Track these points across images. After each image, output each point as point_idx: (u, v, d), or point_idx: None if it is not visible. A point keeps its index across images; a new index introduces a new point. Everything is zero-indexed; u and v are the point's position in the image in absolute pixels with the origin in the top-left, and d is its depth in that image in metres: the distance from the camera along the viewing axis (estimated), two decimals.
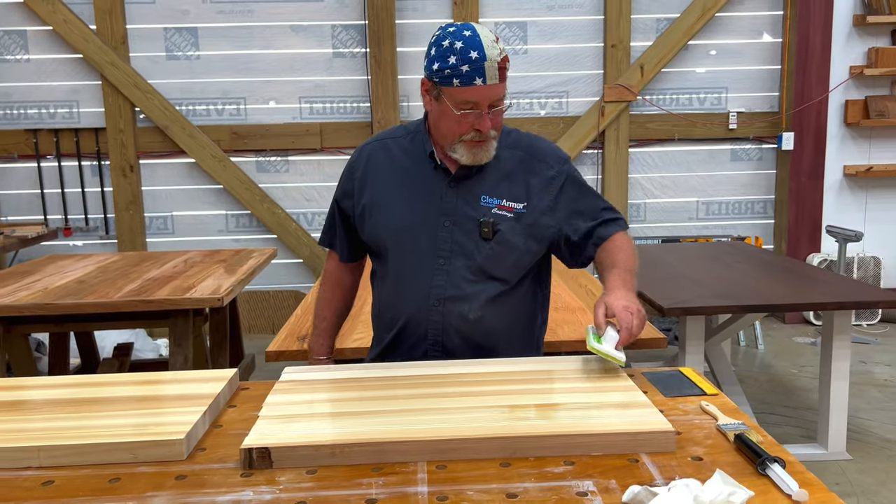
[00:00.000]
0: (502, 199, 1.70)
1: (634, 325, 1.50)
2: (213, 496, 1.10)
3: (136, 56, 5.07)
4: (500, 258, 1.71)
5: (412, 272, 1.73)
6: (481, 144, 1.64)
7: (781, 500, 1.06)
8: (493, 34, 1.60)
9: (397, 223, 1.74)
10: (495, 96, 1.59)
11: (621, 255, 1.70)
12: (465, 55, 1.54)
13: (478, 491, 1.10)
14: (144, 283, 2.98)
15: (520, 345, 1.81)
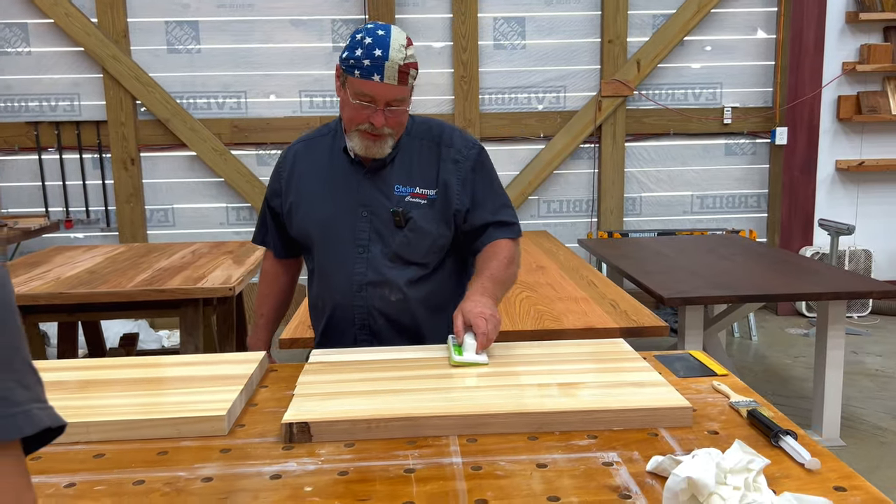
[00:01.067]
0: (415, 187, 1.80)
1: (489, 331, 1.56)
2: (259, 467, 1.16)
3: (137, 49, 5.09)
4: (413, 244, 1.80)
5: (336, 262, 1.83)
6: (375, 139, 1.73)
7: (795, 468, 1.13)
8: (405, 41, 1.68)
9: (319, 216, 1.84)
10: (391, 96, 1.67)
11: (493, 262, 1.76)
12: (369, 51, 1.64)
13: (509, 461, 1.16)
14: (155, 274, 3.03)
15: (446, 325, 1.84)
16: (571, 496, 1.05)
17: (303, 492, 1.08)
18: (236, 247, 3.70)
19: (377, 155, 1.75)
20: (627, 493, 1.06)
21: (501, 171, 5.46)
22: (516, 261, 1.83)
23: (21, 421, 0.57)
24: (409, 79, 1.66)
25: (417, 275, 1.82)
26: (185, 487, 1.10)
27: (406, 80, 1.66)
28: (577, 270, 3.44)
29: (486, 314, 1.58)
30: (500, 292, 1.72)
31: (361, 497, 1.06)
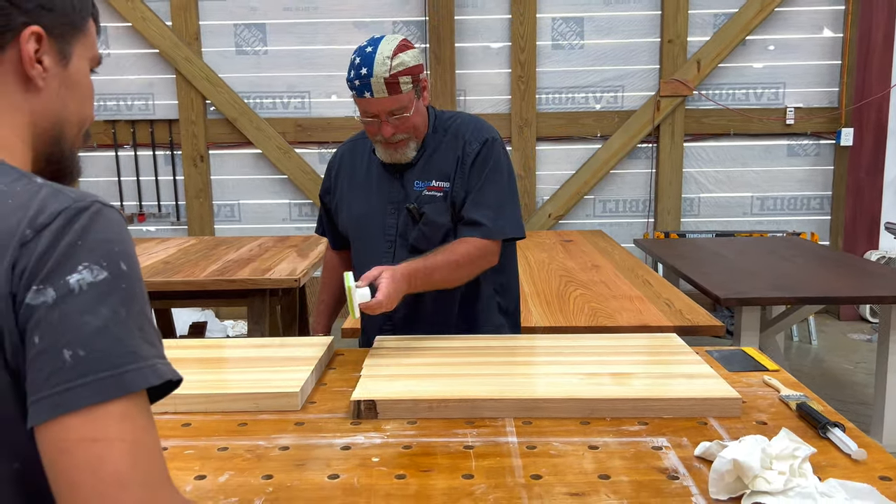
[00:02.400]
0: (431, 181, 1.86)
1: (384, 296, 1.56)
2: (331, 439, 1.26)
3: (207, 51, 5.31)
4: (427, 238, 1.85)
5: (367, 256, 1.92)
6: (394, 147, 1.80)
7: (841, 458, 1.17)
8: (391, 52, 1.69)
9: (356, 213, 1.95)
10: (387, 108, 1.72)
11: (440, 255, 1.74)
12: (357, 70, 1.70)
13: (562, 442, 1.23)
14: (225, 265, 3.19)
15: (465, 319, 1.92)
16: (622, 475, 1.12)
17: (371, 461, 1.17)
18: (300, 241, 3.85)
19: (402, 160, 1.83)
20: (675, 475, 1.12)
21: (557, 170, 5.51)
22: (474, 261, 1.78)
23: (148, 373, 0.67)
24: (401, 87, 1.69)
25: None
26: (265, 454, 1.21)
27: (397, 89, 1.69)
28: (633, 270, 3.46)
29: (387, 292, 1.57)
30: (422, 283, 1.70)
31: (424, 468, 1.15)
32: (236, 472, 1.14)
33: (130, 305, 0.68)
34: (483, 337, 1.77)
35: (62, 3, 0.80)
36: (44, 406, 0.63)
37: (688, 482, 1.10)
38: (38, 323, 0.65)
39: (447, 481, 1.11)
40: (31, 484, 0.69)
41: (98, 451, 0.63)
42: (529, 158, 5.39)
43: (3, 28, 0.75)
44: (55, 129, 0.83)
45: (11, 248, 0.66)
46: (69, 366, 0.64)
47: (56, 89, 0.81)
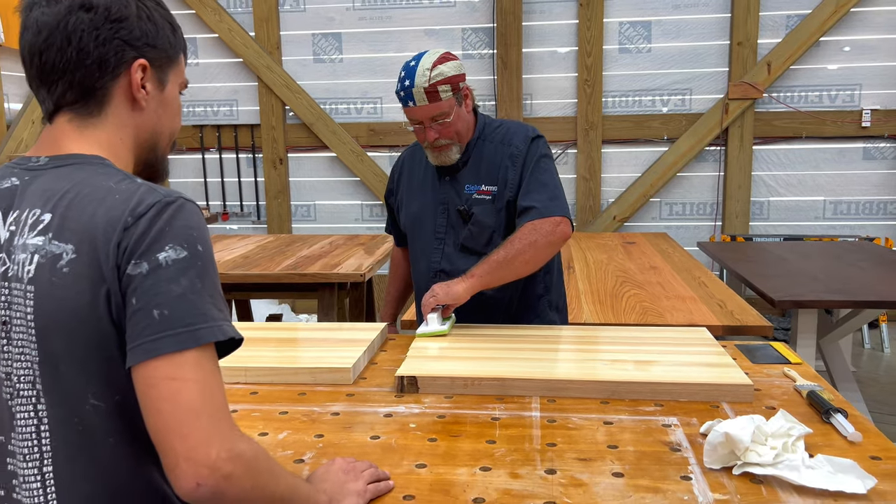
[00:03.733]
0: (481, 185, 2.01)
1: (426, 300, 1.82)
2: (376, 408, 1.44)
3: (287, 59, 5.64)
4: (475, 237, 2.01)
5: (420, 251, 2.11)
6: (439, 150, 1.97)
7: (839, 440, 1.27)
8: (431, 63, 1.86)
9: (412, 212, 2.13)
10: (430, 114, 1.89)
11: (499, 247, 1.87)
12: (402, 83, 1.89)
13: (580, 418, 1.37)
14: (298, 260, 3.44)
15: (511, 311, 2.05)
16: (629, 446, 1.25)
17: (408, 427, 1.35)
18: (368, 239, 4.07)
19: (447, 162, 2.00)
20: (678, 448, 1.24)
21: (622, 172, 5.57)
22: (535, 242, 1.85)
23: (216, 331, 0.87)
24: (440, 95, 1.86)
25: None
26: (319, 418, 1.39)
27: (437, 97, 1.86)
28: (690, 271, 3.51)
29: (434, 289, 1.83)
30: (490, 276, 1.85)
31: (454, 434, 1.31)
32: (293, 431, 1.34)
33: (204, 278, 0.88)
34: (519, 326, 1.92)
35: (162, 41, 1.00)
36: (138, 351, 0.84)
37: (688, 454, 1.22)
38: (136, 289, 0.85)
39: (472, 445, 1.26)
40: (127, 413, 0.90)
41: (176, 387, 0.83)
42: (595, 161, 5.47)
43: (119, 60, 0.96)
44: (152, 139, 1.03)
45: (117, 231, 0.86)
46: (157, 322, 0.84)
47: (154, 109, 1.01)
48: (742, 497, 1.08)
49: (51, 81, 0.95)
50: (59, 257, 0.86)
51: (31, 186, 0.93)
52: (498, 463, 1.19)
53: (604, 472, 1.15)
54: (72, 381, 0.87)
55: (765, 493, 1.09)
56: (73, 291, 0.86)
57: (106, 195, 0.89)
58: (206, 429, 0.83)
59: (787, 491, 1.09)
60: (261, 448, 0.91)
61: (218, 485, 0.82)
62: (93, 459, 0.89)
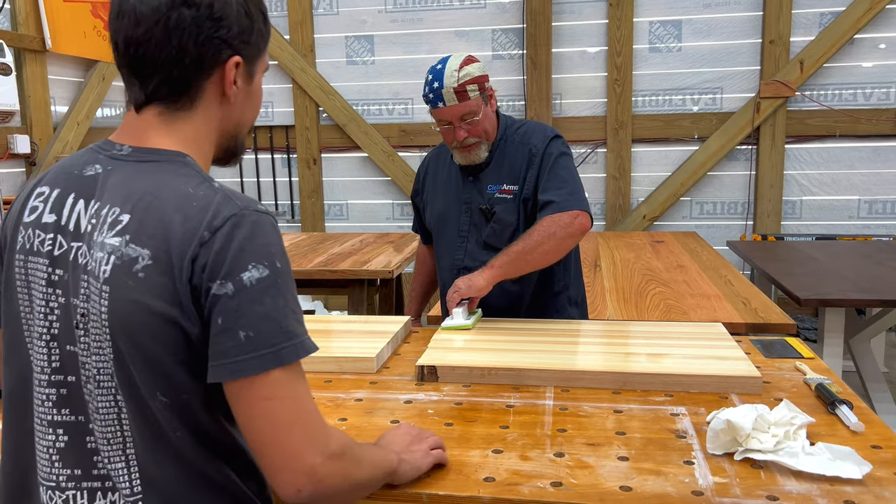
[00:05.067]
0: (502, 184, 2.07)
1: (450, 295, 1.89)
2: (397, 395, 1.52)
3: (321, 62, 5.76)
4: (498, 234, 2.07)
5: (445, 248, 2.19)
6: (467, 149, 2.03)
7: (843, 430, 1.30)
8: (458, 65, 1.93)
9: (437, 211, 2.21)
10: (459, 113, 1.96)
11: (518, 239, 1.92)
12: (430, 85, 1.96)
13: (592, 406, 1.43)
14: (330, 257, 3.54)
15: (534, 306, 2.11)
16: (636, 432, 1.31)
17: (427, 412, 1.42)
18: (397, 238, 4.16)
19: (475, 161, 2.07)
20: (683, 435, 1.29)
21: (652, 171, 5.57)
22: (553, 234, 1.89)
23: (298, 349, 0.91)
24: (468, 94, 1.93)
25: None
26: (343, 403, 1.48)
27: (465, 96, 1.93)
28: (717, 270, 3.53)
29: (456, 284, 1.89)
30: (509, 266, 1.90)
31: (469, 419, 1.38)
32: None
33: (286, 294, 0.91)
34: (536, 320, 1.99)
35: (256, 36, 1.00)
36: (224, 370, 0.88)
37: (692, 441, 1.27)
38: (221, 309, 0.88)
39: (486, 430, 1.33)
40: (191, 411, 0.94)
41: (271, 406, 0.88)
42: (625, 160, 5.48)
43: (216, 60, 0.96)
44: (235, 129, 1.05)
45: (193, 245, 0.88)
46: (243, 343, 0.87)
47: (241, 101, 1.03)
48: (741, 481, 1.13)
49: (145, 74, 0.95)
50: (136, 261, 0.88)
51: (113, 178, 0.95)
52: (510, 446, 1.26)
53: (609, 456, 1.21)
54: (141, 379, 0.91)
55: (763, 477, 1.13)
56: (147, 297, 0.88)
57: (184, 202, 0.90)
58: (300, 440, 0.89)
59: (786, 476, 1.13)
60: (346, 438, 0.98)
61: (316, 487, 0.90)
62: (166, 448, 0.93)
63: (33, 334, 0.98)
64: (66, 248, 0.95)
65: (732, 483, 1.12)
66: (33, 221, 0.98)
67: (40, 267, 0.97)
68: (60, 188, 0.98)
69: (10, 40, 3.95)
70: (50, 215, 0.97)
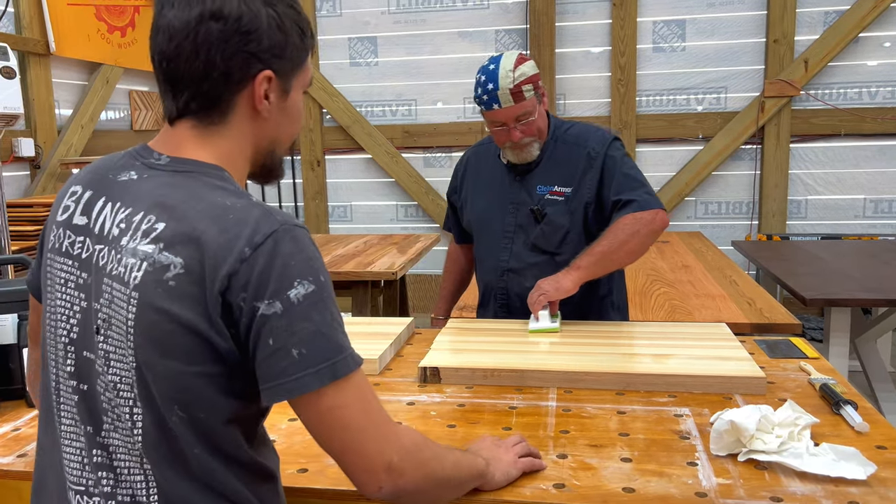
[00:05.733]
0: (553, 186, 2.04)
1: (534, 297, 1.85)
2: (399, 397, 1.51)
3: (324, 63, 5.77)
4: (547, 236, 2.04)
5: (487, 249, 2.15)
6: (521, 148, 2.00)
7: (848, 430, 1.30)
8: (513, 64, 1.90)
9: (479, 210, 2.17)
10: (515, 115, 1.93)
11: (601, 239, 1.90)
12: (484, 87, 1.92)
13: (595, 408, 1.42)
14: (333, 259, 3.54)
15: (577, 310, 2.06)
16: (639, 434, 1.30)
17: (429, 414, 1.42)
18: (401, 239, 4.16)
19: (528, 160, 2.04)
20: (687, 436, 1.29)
21: (657, 171, 5.56)
22: (637, 232, 1.89)
23: (350, 361, 0.91)
24: (524, 95, 1.91)
25: (551, 262, 2.06)
26: None
27: (521, 97, 1.91)
28: (722, 270, 3.52)
29: (539, 286, 1.87)
30: (595, 266, 1.89)
31: (472, 421, 1.38)
32: None
33: (332, 307, 0.91)
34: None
35: (290, 50, 0.97)
36: (282, 390, 0.88)
37: (696, 442, 1.26)
38: (272, 329, 0.87)
39: (489, 431, 1.33)
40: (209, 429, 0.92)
41: (342, 414, 0.90)
42: None
43: (244, 74, 0.94)
44: (271, 146, 1.03)
45: (231, 259, 0.86)
46: (297, 361, 0.87)
47: (276, 117, 1.00)
48: (745, 482, 1.12)
49: (177, 89, 0.95)
50: (167, 269, 0.87)
51: (148, 186, 0.94)
52: None
53: (613, 458, 1.21)
54: (161, 391, 0.90)
55: (767, 478, 1.13)
56: (176, 306, 0.87)
57: (221, 214, 0.89)
58: (375, 441, 0.91)
59: (790, 477, 1.13)
60: (420, 436, 1.00)
61: (396, 483, 0.92)
62: (184, 464, 0.92)
63: (58, 337, 0.98)
64: (91, 252, 0.95)
65: (736, 484, 1.11)
66: (64, 221, 0.99)
67: (67, 269, 0.97)
68: (93, 190, 0.99)
69: (15, 44, 3.97)
70: (81, 217, 0.97)
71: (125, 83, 5.03)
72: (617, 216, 1.93)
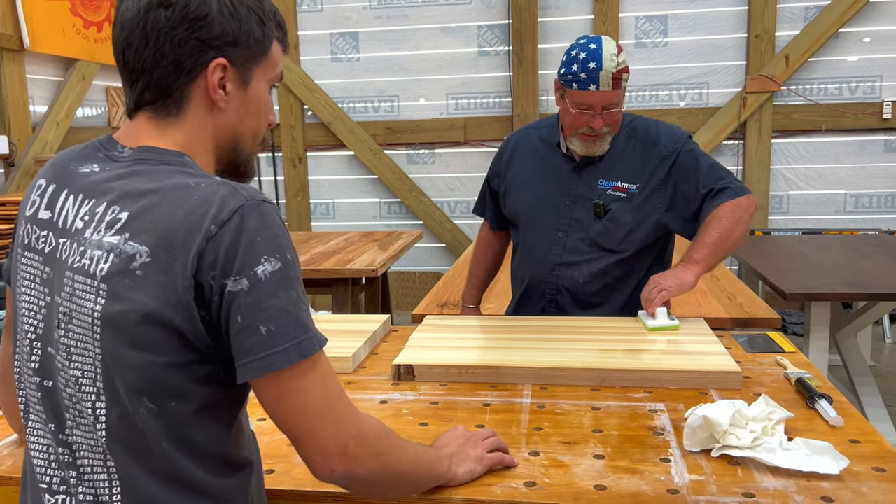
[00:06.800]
0: (617, 181, 1.97)
1: (650, 292, 1.80)
2: (372, 395, 1.49)
3: (305, 59, 5.72)
4: (610, 233, 1.98)
5: (537, 241, 2.05)
6: (594, 139, 1.93)
7: (822, 425, 1.29)
8: (616, 48, 1.85)
9: (529, 199, 2.07)
10: (608, 101, 1.86)
11: (708, 230, 1.86)
12: (584, 64, 1.82)
13: (569, 404, 1.41)
14: (313, 256, 3.50)
15: (630, 308, 2.03)
16: (613, 430, 1.28)
17: (402, 412, 1.39)
18: (383, 236, 4.13)
19: (597, 153, 1.95)
20: (661, 432, 1.27)
21: None
22: (740, 218, 1.87)
23: (314, 341, 0.90)
24: (621, 83, 1.84)
25: (609, 260, 1.99)
26: None
27: (619, 84, 1.83)
28: None
29: (658, 282, 1.81)
30: (712, 258, 1.85)
31: (445, 419, 1.35)
32: None
33: (297, 286, 0.90)
34: (519, 318, 1.96)
35: (246, 38, 0.95)
36: (250, 368, 0.87)
37: (670, 438, 1.25)
38: (240, 306, 0.85)
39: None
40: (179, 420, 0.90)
41: (301, 398, 0.88)
42: None
43: (195, 62, 0.92)
44: (233, 140, 0.99)
45: (199, 239, 0.85)
46: (265, 339, 0.86)
47: (236, 109, 0.97)
48: (718, 478, 1.11)
49: (132, 80, 0.94)
50: (133, 258, 0.86)
51: (111, 178, 0.92)
52: None
53: (585, 455, 1.19)
54: (128, 383, 0.88)
55: (740, 474, 1.11)
56: (143, 295, 0.85)
57: (184, 196, 0.87)
58: (331, 425, 0.90)
59: (763, 472, 1.11)
60: (382, 426, 0.99)
61: (349, 468, 0.91)
62: (149, 459, 0.90)
63: (25, 334, 0.96)
64: (54, 246, 0.94)
65: (709, 480, 1.10)
66: (31, 216, 0.98)
67: (34, 264, 0.96)
68: (56, 183, 0.97)
69: None
70: (45, 211, 0.96)
71: (102, 79, 4.96)
72: (711, 205, 1.89)
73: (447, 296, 2.92)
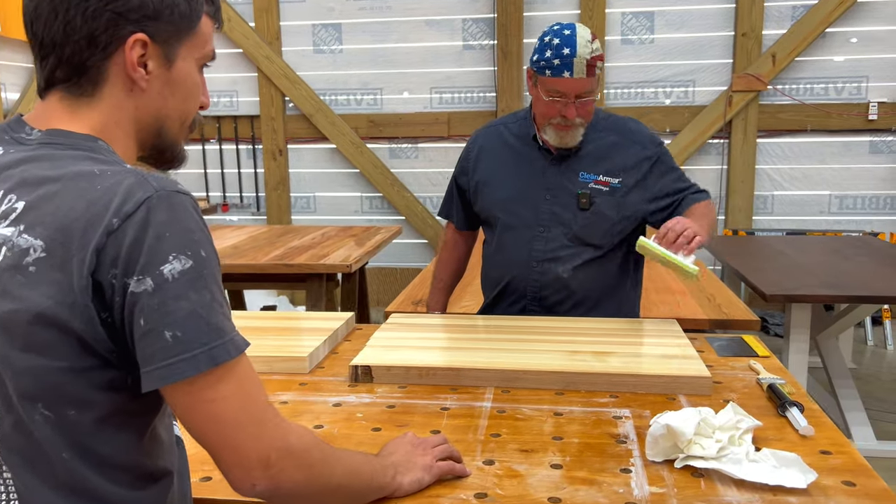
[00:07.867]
0: (599, 175, 1.93)
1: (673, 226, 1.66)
2: (326, 397, 1.42)
3: (287, 50, 5.62)
4: (593, 227, 1.93)
5: (516, 238, 1.99)
6: (567, 129, 1.87)
7: (792, 434, 1.23)
8: (590, 35, 1.79)
9: (505, 196, 2.00)
10: (581, 89, 1.79)
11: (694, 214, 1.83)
12: (558, 50, 1.77)
13: (531, 409, 1.34)
14: (287, 251, 3.43)
15: (609, 301, 2.00)
16: (574, 437, 1.22)
17: (355, 416, 1.33)
18: (360, 231, 4.05)
19: (570, 144, 1.90)
20: (624, 440, 1.21)
21: None
22: (713, 218, 1.89)
23: (230, 347, 0.82)
24: (595, 70, 1.78)
25: (591, 255, 1.94)
26: None
27: (594, 72, 1.77)
28: None
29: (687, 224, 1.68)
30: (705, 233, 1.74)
31: (400, 424, 1.29)
32: None
33: (212, 287, 0.81)
34: (487, 318, 1.89)
35: (169, 11, 0.87)
36: (154, 377, 0.79)
37: (633, 447, 1.19)
38: (143, 308, 0.78)
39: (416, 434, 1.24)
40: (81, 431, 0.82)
41: (216, 407, 0.81)
42: None
43: (111, 36, 0.84)
44: (157, 123, 0.92)
45: (98, 234, 0.77)
46: (171, 345, 0.78)
47: (159, 89, 0.90)
48: (679, 490, 1.05)
49: (42, 55, 0.86)
50: (26, 253, 0.79)
51: (12, 164, 0.85)
52: None
53: (542, 464, 1.13)
54: (21, 389, 0.81)
55: (703, 486, 1.06)
56: (36, 293, 0.78)
57: (87, 185, 0.80)
58: (252, 436, 0.82)
59: (727, 485, 1.06)
60: (313, 437, 0.91)
61: (271, 481, 0.84)
62: (49, 469, 0.83)
63: None
64: None
65: (670, 493, 1.04)
66: None
67: None
68: None
69: None
70: None
71: None
72: (690, 199, 1.92)
73: (423, 293, 2.85)
